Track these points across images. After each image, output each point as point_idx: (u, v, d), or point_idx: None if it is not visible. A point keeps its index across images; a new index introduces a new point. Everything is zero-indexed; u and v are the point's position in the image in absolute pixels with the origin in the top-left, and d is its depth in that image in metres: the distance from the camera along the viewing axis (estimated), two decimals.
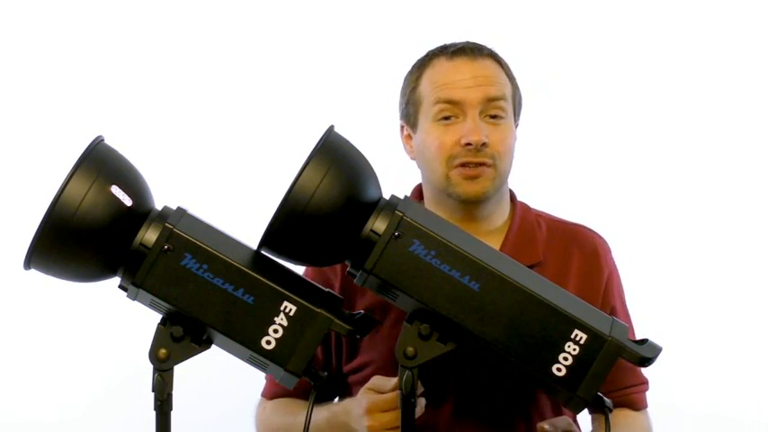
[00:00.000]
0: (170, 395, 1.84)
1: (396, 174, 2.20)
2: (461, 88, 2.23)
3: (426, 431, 2.17)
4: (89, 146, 1.83)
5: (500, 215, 2.31)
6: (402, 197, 1.91)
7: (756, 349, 3.22)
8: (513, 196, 2.35)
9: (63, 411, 3.22)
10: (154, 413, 1.84)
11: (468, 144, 2.20)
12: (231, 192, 3.20)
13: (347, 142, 1.90)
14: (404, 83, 2.32)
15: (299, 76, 3.27)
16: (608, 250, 2.36)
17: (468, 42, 2.30)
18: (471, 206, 2.25)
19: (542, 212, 2.37)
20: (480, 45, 2.30)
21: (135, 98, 3.26)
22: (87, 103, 3.24)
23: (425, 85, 2.26)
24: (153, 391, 1.84)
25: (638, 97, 3.27)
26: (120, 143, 1.88)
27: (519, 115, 2.32)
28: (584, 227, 2.37)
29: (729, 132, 3.27)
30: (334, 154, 1.85)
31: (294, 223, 1.83)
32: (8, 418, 3.20)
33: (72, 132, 2.93)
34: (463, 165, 2.21)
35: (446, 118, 2.23)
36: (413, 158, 2.32)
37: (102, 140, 1.86)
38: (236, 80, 3.28)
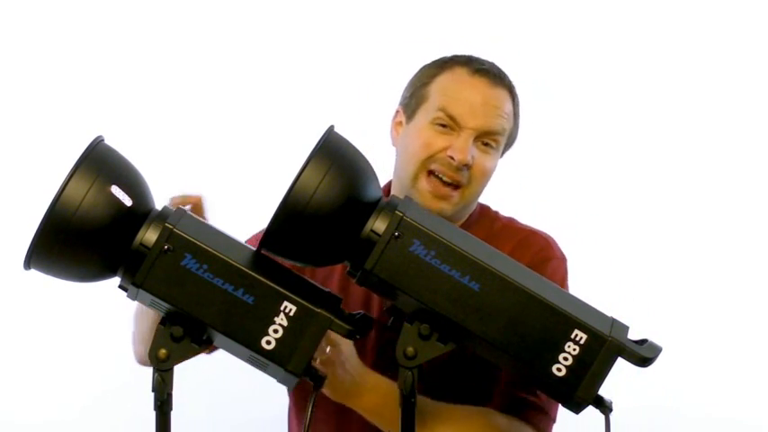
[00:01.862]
0: (170, 395, 1.84)
1: None
2: (468, 110, 2.22)
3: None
4: (89, 146, 1.83)
5: (459, 221, 2.30)
6: (402, 197, 1.91)
7: (755, 350, 3.22)
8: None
9: (63, 411, 3.22)
10: (154, 413, 1.85)
11: (452, 158, 2.20)
12: (231, 192, 3.20)
13: (347, 142, 1.90)
14: (418, 73, 2.31)
15: (299, 76, 3.27)
16: (547, 254, 2.28)
17: (494, 65, 2.28)
18: None
19: (504, 218, 2.34)
20: (503, 73, 2.28)
21: (134, 98, 3.26)
22: (87, 102, 3.25)
23: (437, 87, 2.26)
24: (153, 391, 1.84)
25: (638, 98, 3.28)
26: (120, 143, 1.88)
27: (507, 150, 2.30)
28: (535, 232, 2.31)
29: (727, 135, 3.27)
30: (334, 154, 1.85)
31: (294, 223, 1.83)
32: (8, 417, 3.20)
33: (72, 132, 2.93)
34: (434, 173, 2.21)
35: (443, 125, 2.23)
36: (394, 145, 2.31)
37: (102, 140, 1.86)
38: (236, 80, 3.28)
